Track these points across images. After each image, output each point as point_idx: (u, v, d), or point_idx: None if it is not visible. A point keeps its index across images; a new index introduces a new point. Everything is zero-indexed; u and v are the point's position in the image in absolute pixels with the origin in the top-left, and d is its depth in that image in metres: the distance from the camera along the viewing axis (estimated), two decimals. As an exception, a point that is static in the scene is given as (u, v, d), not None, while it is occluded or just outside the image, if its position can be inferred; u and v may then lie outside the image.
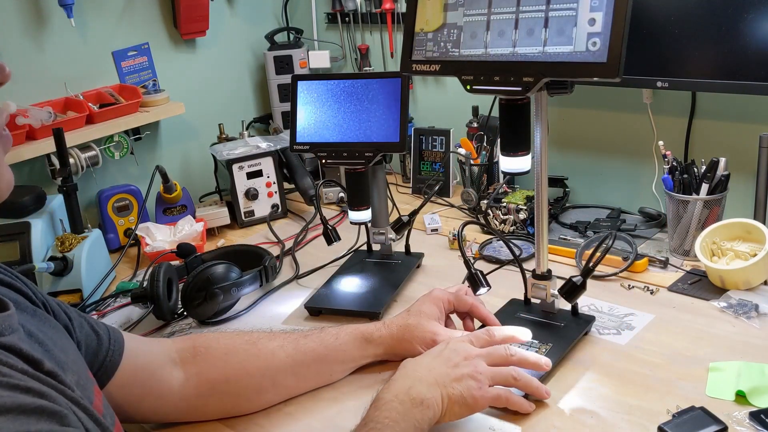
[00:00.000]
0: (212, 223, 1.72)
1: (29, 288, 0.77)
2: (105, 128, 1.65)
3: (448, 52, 0.96)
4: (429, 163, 1.86)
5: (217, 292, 1.22)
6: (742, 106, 1.42)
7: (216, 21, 1.95)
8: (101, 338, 0.87)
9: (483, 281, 1.12)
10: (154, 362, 0.94)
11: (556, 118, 1.70)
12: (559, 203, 1.62)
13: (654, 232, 1.48)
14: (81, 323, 0.85)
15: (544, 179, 1.04)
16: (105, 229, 1.65)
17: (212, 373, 0.96)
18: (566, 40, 0.86)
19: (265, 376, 0.98)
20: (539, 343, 1.05)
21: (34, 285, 0.79)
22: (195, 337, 1.02)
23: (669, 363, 1.03)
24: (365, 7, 2.01)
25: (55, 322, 0.78)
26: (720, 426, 0.86)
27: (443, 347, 0.93)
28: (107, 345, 0.88)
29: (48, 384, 0.54)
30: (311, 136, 1.34)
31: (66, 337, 0.78)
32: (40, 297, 0.79)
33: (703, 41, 1.31)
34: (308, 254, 1.55)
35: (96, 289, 1.41)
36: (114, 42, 1.76)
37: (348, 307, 1.27)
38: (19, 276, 0.77)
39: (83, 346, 0.84)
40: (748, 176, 1.40)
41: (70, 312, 0.84)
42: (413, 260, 1.41)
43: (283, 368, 0.99)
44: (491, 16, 0.92)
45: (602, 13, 0.83)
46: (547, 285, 1.10)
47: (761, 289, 1.20)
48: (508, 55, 0.89)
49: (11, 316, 0.61)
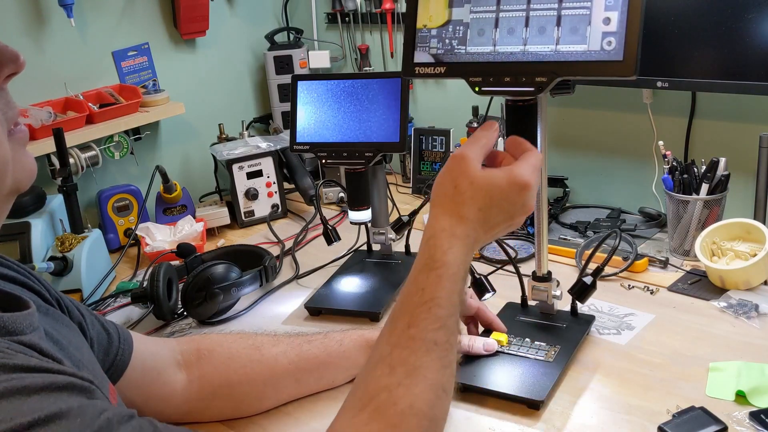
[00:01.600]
0: (212, 223, 1.72)
1: (43, 285, 0.77)
2: (105, 128, 1.65)
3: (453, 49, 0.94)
4: (429, 163, 1.86)
5: (217, 292, 1.22)
6: (742, 106, 1.42)
7: (216, 21, 1.95)
8: (111, 337, 0.87)
9: (488, 286, 1.12)
10: (161, 363, 0.94)
11: (556, 118, 1.70)
12: (559, 203, 1.62)
13: (654, 232, 1.48)
14: (93, 321, 0.85)
15: (544, 179, 1.04)
16: (105, 229, 1.65)
17: (215, 377, 0.96)
18: (580, 39, 0.85)
19: (267, 383, 0.98)
20: (547, 345, 1.05)
21: (47, 282, 0.79)
22: (199, 339, 1.01)
23: (669, 363, 1.03)
24: (365, 7, 2.01)
25: (68, 320, 0.78)
26: (720, 426, 0.86)
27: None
28: (117, 344, 0.87)
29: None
30: (311, 136, 1.34)
31: (80, 336, 0.78)
32: (54, 294, 0.78)
33: (703, 41, 1.32)
34: (308, 254, 1.55)
35: (96, 289, 1.41)
36: (114, 42, 1.76)
37: (348, 307, 1.27)
38: (33, 273, 0.77)
39: (95, 345, 0.83)
40: (748, 176, 1.40)
41: (82, 309, 0.84)
42: (413, 260, 1.39)
43: (285, 374, 0.99)
44: (500, 13, 0.91)
45: (617, 12, 0.83)
46: (548, 287, 1.10)
47: (761, 289, 1.20)
48: (518, 53, 0.89)
49: (32, 315, 0.61)
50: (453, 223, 0.72)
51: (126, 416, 0.53)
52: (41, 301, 0.74)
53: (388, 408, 0.62)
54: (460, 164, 0.75)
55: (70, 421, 0.47)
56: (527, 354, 1.03)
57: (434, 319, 0.67)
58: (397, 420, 0.61)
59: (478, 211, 0.73)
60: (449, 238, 0.71)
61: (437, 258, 0.70)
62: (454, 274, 0.70)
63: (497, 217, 0.75)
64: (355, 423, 0.63)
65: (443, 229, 0.72)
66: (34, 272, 0.77)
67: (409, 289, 0.70)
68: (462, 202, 0.73)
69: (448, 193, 0.74)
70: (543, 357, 1.02)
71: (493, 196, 0.74)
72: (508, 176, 0.75)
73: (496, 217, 0.75)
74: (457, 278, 0.70)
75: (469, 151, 0.76)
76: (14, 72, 0.59)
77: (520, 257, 1.41)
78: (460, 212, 0.73)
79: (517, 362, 1.02)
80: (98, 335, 0.85)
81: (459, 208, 0.73)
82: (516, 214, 0.77)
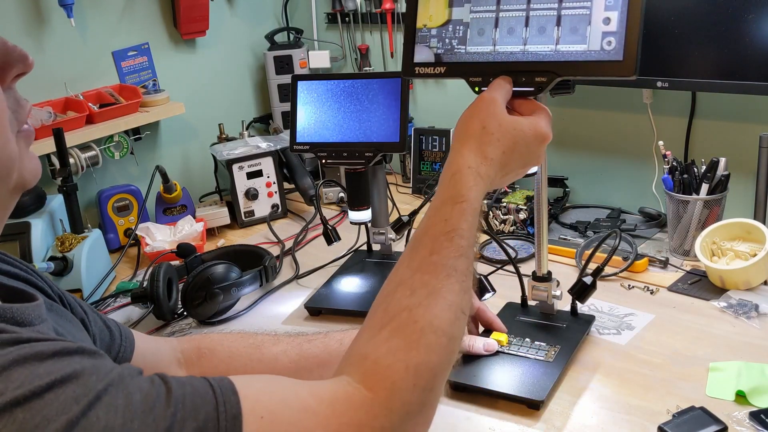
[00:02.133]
0: (212, 223, 1.72)
1: (45, 281, 0.77)
2: (105, 128, 1.65)
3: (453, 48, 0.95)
4: (429, 163, 1.86)
5: (217, 292, 1.22)
6: (742, 106, 1.42)
7: (216, 21, 1.95)
8: (113, 334, 0.87)
9: (488, 286, 1.12)
10: (162, 362, 0.94)
11: (556, 118, 1.68)
12: (559, 203, 1.62)
13: (654, 232, 1.48)
14: (95, 318, 0.85)
15: (544, 179, 1.04)
16: (105, 229, 1.64)
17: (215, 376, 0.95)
18: (580, 39, 0.86)
19: None
20: (547, 345, 1.05)
21: (49, 278, 0.79)
22: (200, 338, 1.01)
23: (669, 363, 1.03)
24: (365, 7, 2.01)
25: (71, 316, 0.78)
26: (720, 426, 0.86)
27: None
28: (119, 341, 0.87)
29: None
30: (311, 136, 1.34)
31: (83, 332, 0.78)
32: (56, 290, 0.78)
33: (703, 41, 1.32)
34: (308, 254, 1.55)
35: (96, 289, 1.41)
36: (114, 42, 1.76)
37: (348, 307, 1.27)
38: (34, 270, 0.77)
39: (98, 341, 0.83)
40: (748, 176, 1.40)
41: (84, 306, 0.84)
42: (413, 260, 1.41)
43: (285, 373, 0.98)
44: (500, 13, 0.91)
45: (617, 12, 0.83)
46: (548, 287, 1.10)
47: (761, 289, 1.20)
48: (518, 53, 0.89)
49: (39, 306, 0.61)
50: (478, 161, 0.75)
51: (136, 371, 0.55)
52: (44, 296, 0.74)
53: (409, 325, 0.64)
54: (489, 106, 0.78)
55: (85, 378, 0.50)
56: (527, 354, 1.03)
57: (456, 248, 0.70)
58: (417, 336, 0.63)
59: (501, 154, 0.76)
60: (474, 176, 0.74)
61: (462, 193, 0.73)
62: (474, 210, 0.73)
63: (515, 163, 0.79)
64: (375, 341, 0.65)
65: (469, 166, 0.74)
66: (36, 269, 0.77)
67: (432, 220, 0.72)
68: (488, 142, 0.76)
69: (476, 132, 0.76)
70: (543, 357, 1.02)
71: (518, 142, 0.78)
72: (533, 125, 0.80)
73: (514, 163, 0.79)
74: (476, 213, 0.73)
75: (498, 95, 0.80)
76: (23, 72, 0.60)
77: (520, 257, 1.41)
78: (485, 152, 0.75)
79: (517, 362, 1.02)
80: (100, 332, 0.85)
81: (485, 147, 0.76)
82: (529, 163, 0.81)
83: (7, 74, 0.58)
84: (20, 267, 0.75)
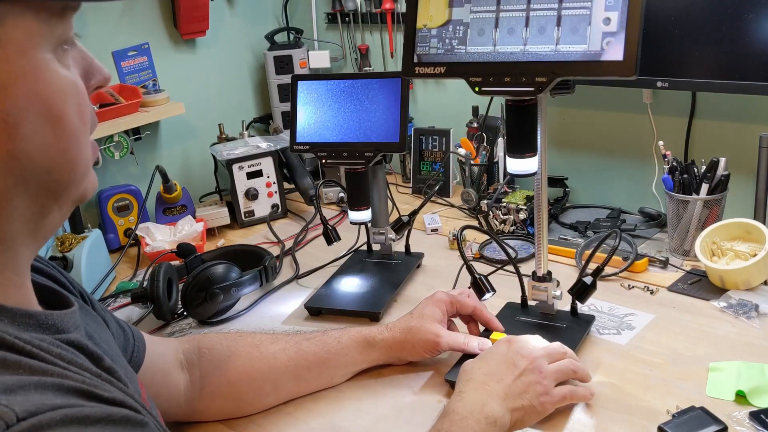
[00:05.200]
0: (212, 223, 1.72)
1: (66, 278, 0.76)
2: (105, 128, 1.65)
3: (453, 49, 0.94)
4: (429, 163, 1.86)
5: (217, 292, 1.22)
6: (742, 106, 1.42)
7: (216, 21, 1.95)
8: (127, 335, 0.87)
9: (488, 286, 1.12)
10: (168, 364, 0.94)
11: (556, 118, 1.70)
12: (559, 203, 1.62)
13: (654, 232, 1.48)
14: (110, 318, 0.84)
15: (544, 179, 1.04)
16: (105, 229, 1.65)
17: (215, 376, 0.96)
18: (580, 39, 0.86)
19: (266, 380, 0.98)
20: None
21: (69, 275, 0.78)
22: (200, 338, 1.01)
23: (669, 363, 1.03)
24: (365, 7, 2.01)
25: (94, 314, 0.77)
26: (720, 426, 0.86)
27: (506, 348, 0.93)
28: (132, 342, 0.87)
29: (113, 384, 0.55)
30: (311, 136, 1.34)
31: (106, 331, 0.78)
32: (77, 287, 0.78)
33: (703, 41, 1.31)
34: (308, 254, 1.55)
35: (96, 289, 1.41)
36: (114, 42, 1.76)
37: (348, 307, 1.27)
38: (55, 266, 0.76)
39: (116, 340, 0.82)
40: (748, 176, 1.40)
41: (100, 306, 0.83)
42: (413, 260, 1.41)
43: (284, 372, 0.99)
44: (500, 13, 0.91)
45: (617, 12, 0.83)
46: (548, 287, 1.10)
47: (761, 289, 1.20)
48: (518, 53, 0.89)
49: (75, 313, 0.61)
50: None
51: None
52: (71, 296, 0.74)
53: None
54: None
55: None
56: (527, 354, 1.03)
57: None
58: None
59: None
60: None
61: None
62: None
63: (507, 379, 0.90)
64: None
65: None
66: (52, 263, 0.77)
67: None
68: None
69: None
70: (543, 357, 1.02)
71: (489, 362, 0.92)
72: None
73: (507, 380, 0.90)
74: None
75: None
76: (101, 85, 0.63)
77: (520, 257, 1.41)
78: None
79: None
80: (116, 332, 0.84)
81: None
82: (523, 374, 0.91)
83: (88, 84, 0.61)
84: (45, 263, 0.75)
